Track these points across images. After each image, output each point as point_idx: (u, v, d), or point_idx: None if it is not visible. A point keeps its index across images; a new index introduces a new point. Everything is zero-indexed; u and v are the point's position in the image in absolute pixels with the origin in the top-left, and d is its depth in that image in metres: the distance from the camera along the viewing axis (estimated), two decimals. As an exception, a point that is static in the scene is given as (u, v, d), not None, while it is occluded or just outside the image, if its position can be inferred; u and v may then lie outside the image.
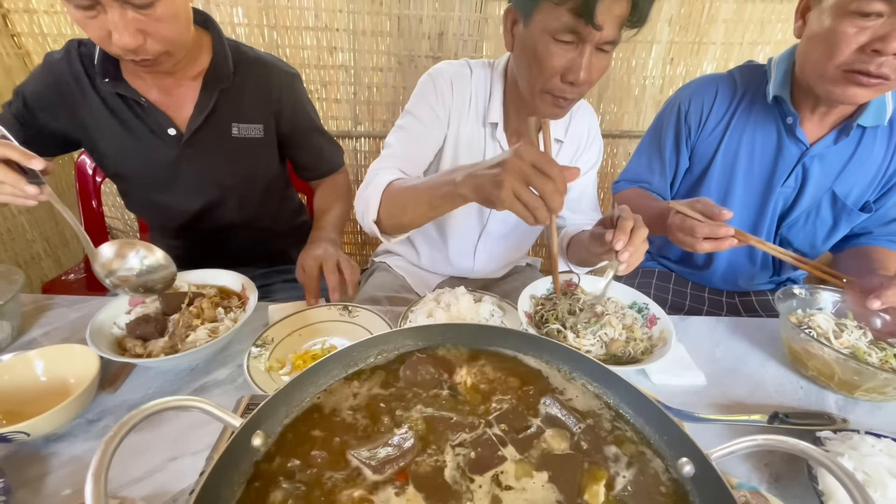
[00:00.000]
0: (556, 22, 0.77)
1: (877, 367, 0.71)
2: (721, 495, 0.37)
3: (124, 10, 0.76)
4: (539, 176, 0.62)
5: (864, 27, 0.79)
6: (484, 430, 0.44)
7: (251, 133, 1.06)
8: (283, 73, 1.09)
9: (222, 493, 0.37)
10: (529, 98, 0.92)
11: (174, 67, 0.94)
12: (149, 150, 1.02)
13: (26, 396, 0.65)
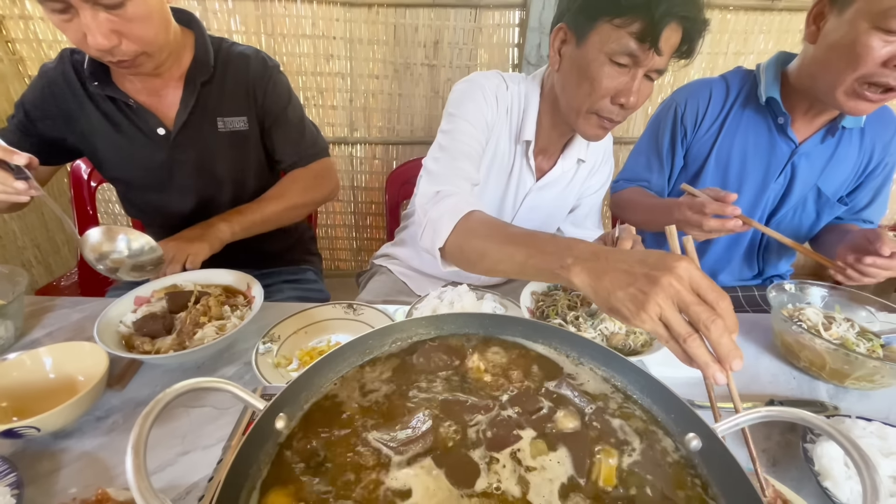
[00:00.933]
0: (615, 44, 0.78)
1: (865, 356, 0.74)
2: (728, 466, 0.39)
3: (95, 11, 0.77)
4: (702, 307, 0.46)
5: (889, 42, 0.82)
6: (498, 412, 0.46)
7: (236, 126, 1.07)
8: (260, 63, 1.09)
9: (250, 472, 0.38)
10: (573, 117, 0.92)
11: (158, 69, 0.95)
12: (141, 151, 1.03)
13: (35, 393, 0.65)
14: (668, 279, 0.47)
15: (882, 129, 1.09)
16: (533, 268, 0.64)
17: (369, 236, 2.41)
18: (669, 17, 0.72)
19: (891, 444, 0.61)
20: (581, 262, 0.55)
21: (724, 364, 0.45)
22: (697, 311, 0.45)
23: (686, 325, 0.46)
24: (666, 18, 0.72)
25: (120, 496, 0.51)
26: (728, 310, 0.46)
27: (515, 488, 0.39)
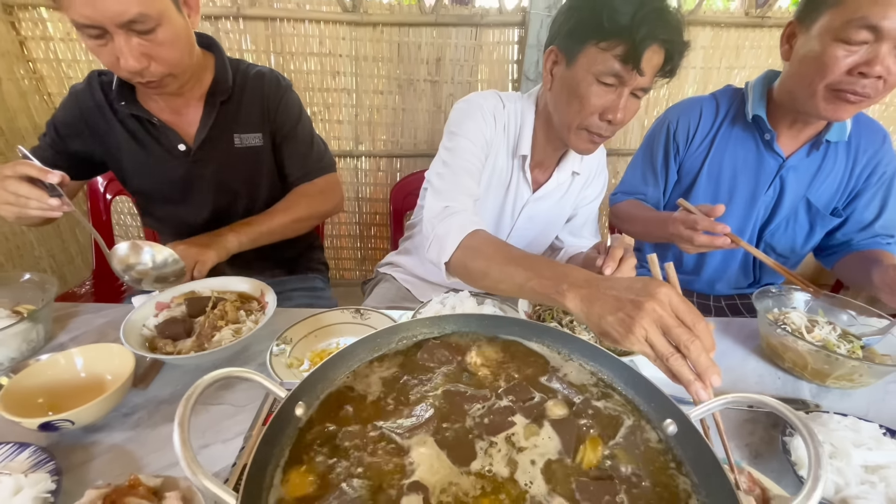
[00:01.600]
0: (601, 65, 0.84)
1: (845, 356, 0.79)
2: (700, 448, 0.44)
3: (128, 36, 0.84)
4: (681, 329, 0.51)
5: (851, 51, 0.89)
6: (495, 402, 0.50)
7: (252, 142, 1.13)
8: (274, 82, 1.16)
9: (273, 452, 0.43)
10: (565, 133, 0.98)
11: (181, 89, 1.02)
12: (163, 165, 1.10)
13: (68, 390, 0.70)
14: (651, 304, 0.52)
15: (869, 138, 1.13)
16: (531, 290, 0.70)
17: (373, 246, 2.47)
18: (649, 41, 0.78)
19: (863, 437, 0.65)
20: (575, 289, 0.61)
21: (703, 379, 0.50)
22: (678, 332, 0.51)
23: (668, 345, 0.52)
24: (646, 42, 0.78)
25: (150, 482, 0.56)
26: (705, 330, 0.52)
27: (504, 470, 0.43)
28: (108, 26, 0.81)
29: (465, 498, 0.40)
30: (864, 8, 0.84)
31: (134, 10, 0.80)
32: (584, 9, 0.85)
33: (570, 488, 0.42)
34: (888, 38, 0.85)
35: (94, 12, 0.79)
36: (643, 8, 0.77)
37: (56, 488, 0.55)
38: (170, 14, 0.87)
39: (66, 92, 1.96)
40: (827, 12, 0.91)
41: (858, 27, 0.86)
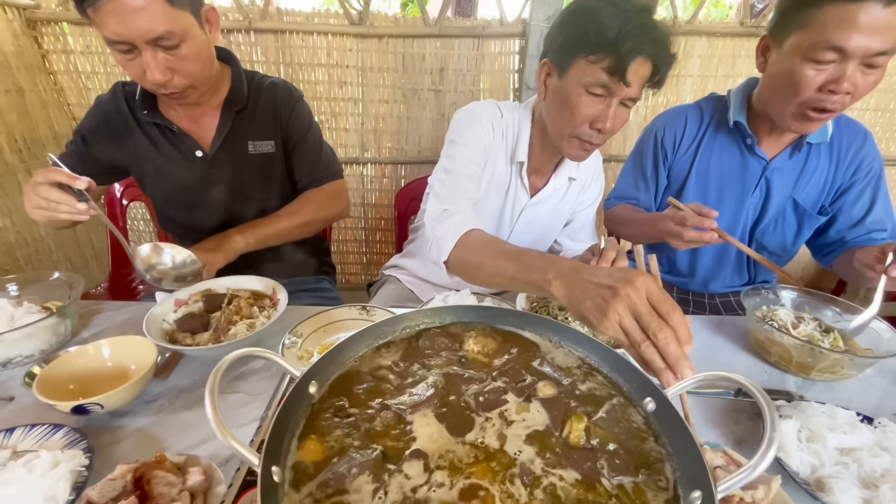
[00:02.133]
0: (590, 77, 0.90)
1: (826, 349, 0.83)
2: (675, 421, 0.48)
3: (155, 51, 0.91)
4: (653, 317, 0.54)
5: (820, 70, 0.94)
6: (490, 382, 0.55)
7: (265, 149, 1.20)
8: (287, 92, 1.22)
9: (290, 423, 0.48)
10: (558, 141, 1.04)
11: (200, 99, 1.09)
12: (180, 170, 1.16)
13: (96, 379, 0.76)
14: (626, 291, 0.55)
15: (851, 137, 1.17)
16: (521, 280, 0.75)
17: (378, 251, 2.53)
18: (633, 54, 0.84)
19: (839, 422, 0.69)
20: (560, 277, 0.66)
21: (674, 370, 0.52)
22: (648, 320, 0.54)
23: (641, 332, 0.54)
24: (631, 55, 0.83)
25: (174, 459, 0.61)
26: (679, 321, 0.53)
27: (496, 441, 0.48)
28: (137, 42, 0.88)
29: (460, 464, 0.45)
30: (829, 31, 0.89)
31: (161, 27, 0.88)
32: (574, 24, 0.90)
33: (555, 455, 0.46)
34: (854, 57, 0.90)
35: (126, 30, 0.86)
36: (628, 24, 0.83)
37: (89, 463, 0.61)
38: (193, 31, 0.94)
39: (84, 102, 2.07)
40: (796, 32, 0.95)
41: (825, 49, 0.91)
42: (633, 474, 0.45)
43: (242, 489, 0.59)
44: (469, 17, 2.15)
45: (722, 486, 0.40)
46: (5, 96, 1.79)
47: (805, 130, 1.05)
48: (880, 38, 0.87)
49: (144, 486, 0.56)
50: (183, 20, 0.91)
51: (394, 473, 0.44)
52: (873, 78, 0.93)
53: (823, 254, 1.30)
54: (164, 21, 0.88)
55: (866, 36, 0.87)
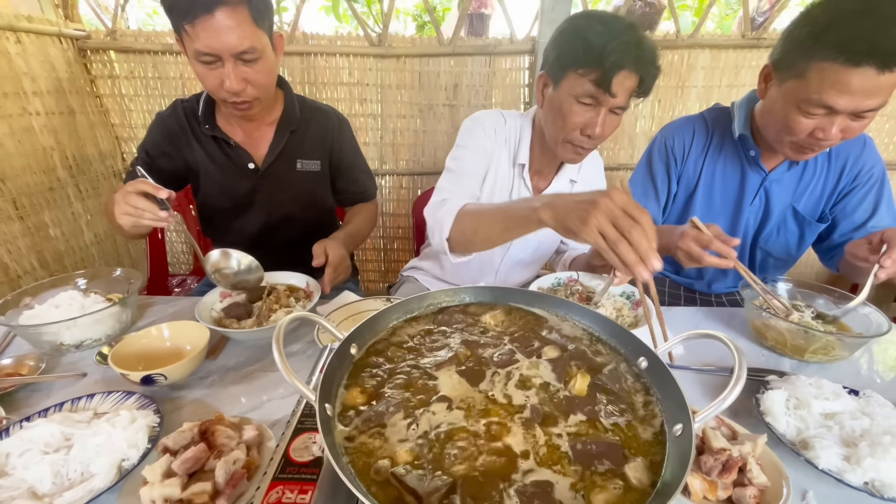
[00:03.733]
0: (579, 88, 1.01)
1: (818, 331, 0.89)
2: (665, 377, 0.56)
3: (237, 64, 1.04)
4: (626, 219, 0.64)
5: (811, 118, 0.99)
6: (503, 347, 0.64)
7: (312, 167, 1.33)
8: (336, 119, 1.37)
9: (336, 375, 0.57)
10: (553, 146, 1.14)
11: (259, 113, 1.22)
12: (233, 180, 1.28)
13: (158, 357, 0.86)
14: (604, 201, 0.66)
15: (850, 145, 1.20)
16: (513, 220, 0.88)
17: (396, 258, 2.63)
18: (618, 68, 0.93)
19: (824, 392, 0.75)
20: (545, 204, 0.77)
21: (645, 261, 0.62)
22: (622, 222, 0.64)
23: (616, 232, 0.64)
24: (615, 69, 0.93)
25: (231, 419, 0.71)
26: (647, 221, 0.64)
27: (509, 390, 0.56)
28: (224, 55, 1.01)
29: (479, 407, 0.54)
30: (822, 92, 0.93)
31: (247, 43, 1.01)
32: (566, 41, 1.01)
33: (558, 401, 0.54)
34: (842, 113, 0.94)
35: (218, 43, 0.99)
36: (612, 41, 0.93)
37: (160, 421, 0.71)
38: (268, 50, 1.08)
39: (126, 122, 2.25)
40: (793, 80, 0.98)
41: (817, 105, 0.95)
42: (628, 415, 0.53)
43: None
44: (481, 37, 2.28)
45: (698, 417, 0.47)
46: (59, 117, 1.96)
47: (798, 159, 1.12)
48: (869, 99, 0.91)
49: (209, 437, 0.66)
50: (263, 39, 1.05)
51: (423, 412, 0.52)
52: (863, 124, 0.98)
53: (829, 257, 1.33)
54: (250, 39, 1.01)
55: (857, 98, 0.91)
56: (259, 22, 1.03)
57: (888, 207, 1.22)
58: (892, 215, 1.23)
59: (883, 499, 0.61)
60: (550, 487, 0.44)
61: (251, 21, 1.02)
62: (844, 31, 0.89)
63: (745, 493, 0.60)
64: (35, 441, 0.66)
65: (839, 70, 0.90)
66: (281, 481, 0.53)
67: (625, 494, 0.44)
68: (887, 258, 0.94)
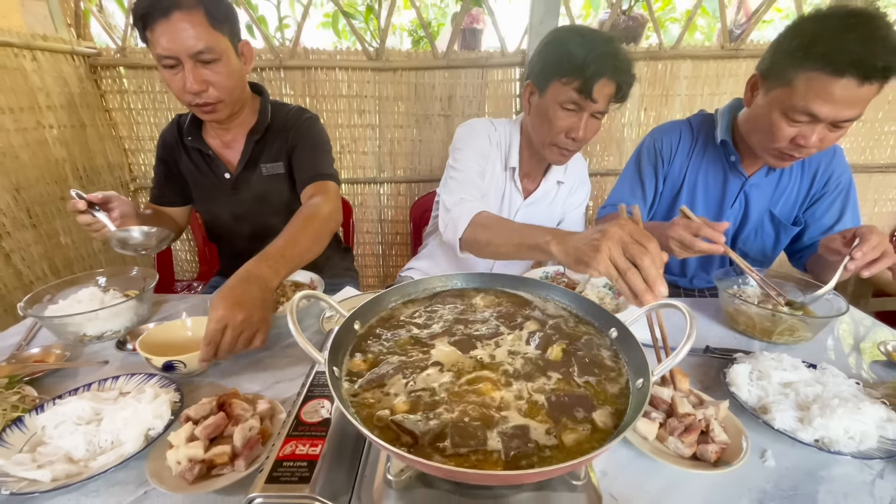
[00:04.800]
0: (563, 95, 1.10)
1: (782, 313, 0.97)
2: (632, 343, 0.63)
3: (195, 65, 1.10)
4: (636, 246, 0.67)
5: (794, 125, 1.07)
6: (490, 322, 0.71)
7: (276, 171, 1.36)
8: (296, 114, 1.36)
9: (342, 345, 0.64)
10: (541, 149, 1.24)
11: (230, 120, 1.26)
12: (214, 189, 1.36)
13: (179, 346, 0.92)
14: (614, 230, 0.70)
15: (820, 155, 1.29)
16: (526, 246, 0.93)
17: (394, 263, 2.71)
18: (597, 77, 1.03)
19: (784, 364, 0.83)
20: (556, 238, 0.84)
21: (652, 288, 0.66)
22: (633, 249, 0.67)
23: (627, 262, 0.68)
24: (595, 77, 1.03)
25: (246, 395, 0.78)
26: (655, 248, 0.67)
27: (494, 356, 0.64)
28: (181, 56, 1.07)
29: (468, 370, 0.61)
30: (807, 100, 1.00)
31: (202, 44, 1.07)
32: (550, 53, 1.11)
33: (538, 364, 0.62)
34: (823, 121, 1.03)
35: (174, 45, 1.06)
36: (592, 52, 1.02)
37: (180, 398, 0.78)
38: (229, 54, 1.14)
39: (133, 135, 2.35)
40: (781, 87, 1.06)
41: (801, 112, 1.03)
42: (598, 375, 0.60)
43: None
44: (474, 50, 2.39)
45: (656, 371, 0.55)
46: (71, 131, 2.05)
47: (778, 166, 1.21)
48: (849, 109, 0.99)
49: (226, 409, 0.73)
50: (221, 42, 1.11)
51: (419, 374, 0.60)
52: (838, 134, 1.07)
53: (798, 258, 1.42)
54: (206, 40, 1.07)
55: (838, 107, 0.99)
56: (215, 25, 1.09)
57: (852, 213, 1.31)
58: (856, 221, 1.31)
59: (830, 452, 0.68)
60: (528, 430, 0.51)
61: (207, 24, 1.08)
62: (831, 44, 0.96)
63: (707, 448, 0.67)
64: (68, 415, 0.73)
65: (825, 80, 0.97)
66: (294, 437, 0.60)
67: (591, 434, 0.51)
68: (858, 251, 0.99)
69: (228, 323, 0.83)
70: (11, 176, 1.78)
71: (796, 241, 1.40)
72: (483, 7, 2.27)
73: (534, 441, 0.50)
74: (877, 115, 2.43)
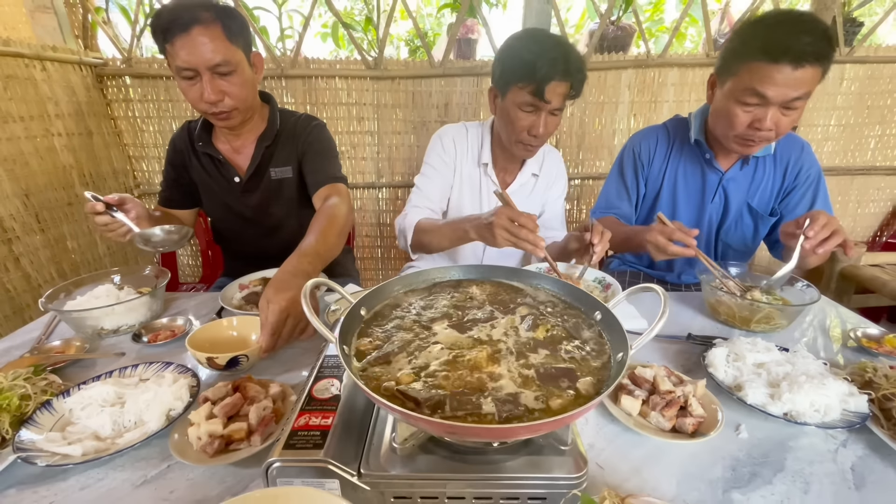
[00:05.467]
0: (521, 98, 1.21)
1: (759, 302, 1.04)
2: (614, 324, 0.69)
3: (213, 77, 1.18)
4: (514, 227, 1.04)
5: (747, 111, 1.18)
6: (486, 308, 0.78)
7: (284, 174, 1.42)
8: (305, 122, 1.43)
9: (350, 327, 0.70)
10: (508, 146, 1.36)
11: (241, 127, 1.34)
12: (223, 193, 1.42)
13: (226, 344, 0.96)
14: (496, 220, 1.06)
15: (791, 148, 1.40)
16: (457, 237, 1.24)
17: (393, 267, 2.77)
18: (548, 80, 1.13)
19: (758, 347, 0.89)
20: (472, 226, 1.16)
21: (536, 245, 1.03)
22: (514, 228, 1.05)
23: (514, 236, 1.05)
24: (545, 80, 1.13)
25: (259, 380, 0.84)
26: (528, 221, 1.03)
27: (489, 335, 0.70)
28: (200, 68, 1.15)
29: (467, 346, 0.67)
30: (754, 81, 1.13)
31: (219, 57, 1.15)
32: (506, 60, 1.23)
33: (529, 343, 0.68)
34: (773, 103, 1.14)
35: (193, 58, 1.13)
36: (542, 57, 1.13)
37: (197, 383, 0.83)
38: (243, 66, 1.22)
39: (138, 142, 2.42)
40: (731, 79, 1.19)
41: (750, 94, 1.15)
42: (583, 351, 0.67)
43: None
44: (469, 59, 2.48)
45: (634, 345, 0.61)
46: (78, 138, 2.12)
47: (745, 153, 1.29)
48: (791, 90, 1.11)
49: (241, 391, 0.79)
50: (236, 54, 1.19)
51: (421, 351, 0.66)
52: (791, 118, 1.17)
53: (775, 249, 1.51)
54: (223, 53, 1.15)
55: (781, 88, 1.11)
56: (232, 39, 1.17)
57: (823, 204, 1.39)
58: (827, 209, 1.39)
59: (797, 423, 0.74)
60: (519, 396, 0.57)
61: (224, 37, 1.15)
62: (765, 37, 1.11)
63: (685, 421, 0.73)
64: (94, 398, 0.78)
65: (763, 66, 1.11)
66: (307, 411, 0.66)
67: (575, 399, 0.57)
68: (810, 230, 1.06)
69: (290, 313, 0.91)
70: (21, 182, 1.84)
71: (773, 233, 1.48)
72: (477, 18, 2.35)
73: (524, 405, 0.56)
74: (857, 119, 2.53)
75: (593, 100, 2.44)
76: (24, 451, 0.68)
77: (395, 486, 0.59)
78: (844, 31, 2.38)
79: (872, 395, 0.78)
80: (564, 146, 2.55)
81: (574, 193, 2.65)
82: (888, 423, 0.75)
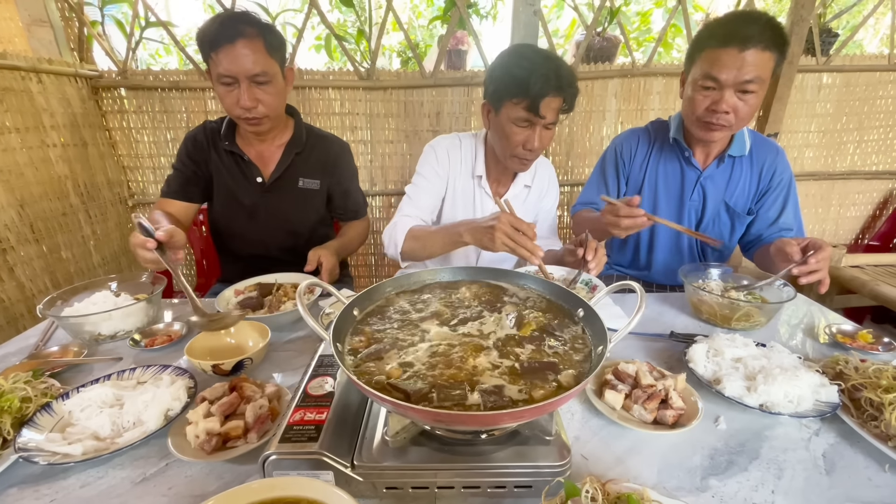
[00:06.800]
0: (515, 114, 1.23)
1: (738, 300, 1.08)
2: (595, 320, 0.73)
3: (250, 85, 1.26)
4: (513, 232, 1.03)
5: (706, 96, 1.27)
6: (474, 307, 0.81)
7: (311, 185, 1.52)
8: (338, 145, 1.58)
9: (343, 328, 0.73)
10: (503, 160, 1.38)
11: (269, 133, 1.42)
12: (243, 191, 1.47)
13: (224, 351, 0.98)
14: (498, 224, 1.04)
15: (766, 151, 1.46)
16: (449, 242, 1.23)
17: (387, 273, 2.79)
18: (542, 96, 1.16)
19: (736, 343, 0.93)
20: (466, 230, 1.15)
21: (533, 254, 1.01)
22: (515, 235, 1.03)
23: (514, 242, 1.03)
24: (539, 96, 1.16)
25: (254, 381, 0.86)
26: (528, 228, 1.02)
27: (477, 332, 0.73)
28: (240, 77, 1.23)
29: (455, 343, 0.70)
30: (708, 66, 1.24)
31: (259, 68, 1.24)
32: (499, 78, 1.25)
33: (514, 339, 0.71)
34: (727, 87, 1.22)
35: (236, 68, 1.22)
36: (534, 73, 1.15)
37: (194, 384, 0.85)
38: (278, 77, 1.31)
39: (132, 153, 2.44)
40: (691, 68, 1.31)
41: (705, 78, 1.25)
42: (566, 346, 0.70)
43: (304, 394, 0.83)
44: (459, 70, 2.53)
45: (612, 340, 0.65)
46: (73, 149, 2.13)
47: (707, 139, 1.36)
48: (741, 72, 1.20)
49: (238, 391, 0.81)
50: (274, 67, 1.29)
51: (411, 348, 0.69)
52: (749, 104, 1.25)
53: (746, 248, 1.57)
54: (262, 65, 1.25)
55: (732, 70, 1.20)
56: (271, 52, 1.26)
57: (793, 207, 1.46)
58: (796, 213, 1.47)
59: (772, 413, 0.78)
60: (503, 388, 0.61)
61: (265, 51, 1.25)
62: (717, 27, 1.24)
63: (666, 413, 0.77)
64: (93, 399, 0.80)
65: (714, 52, 1.23)
66: (302, 407, 0.68)
67: (557, 390, 0.60)
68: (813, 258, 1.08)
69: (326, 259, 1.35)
70: (16, 192, 1.85)
71: (746, 233, 1.54)
72: (467, 29, 2.41)
73: (508, 397, 0.59)
74: (836, 126, 2.61)
75: (581, 108, 2.50)
76: (25, 450, 0.70)
77: (388, 477, 0.62)
78: (821, 41, 2.47)
79: (843, 385, 0.82)
80: (554, 154, 2.61)
81: (564, 200, 2.70)
82: (857, 412, 0.78)
